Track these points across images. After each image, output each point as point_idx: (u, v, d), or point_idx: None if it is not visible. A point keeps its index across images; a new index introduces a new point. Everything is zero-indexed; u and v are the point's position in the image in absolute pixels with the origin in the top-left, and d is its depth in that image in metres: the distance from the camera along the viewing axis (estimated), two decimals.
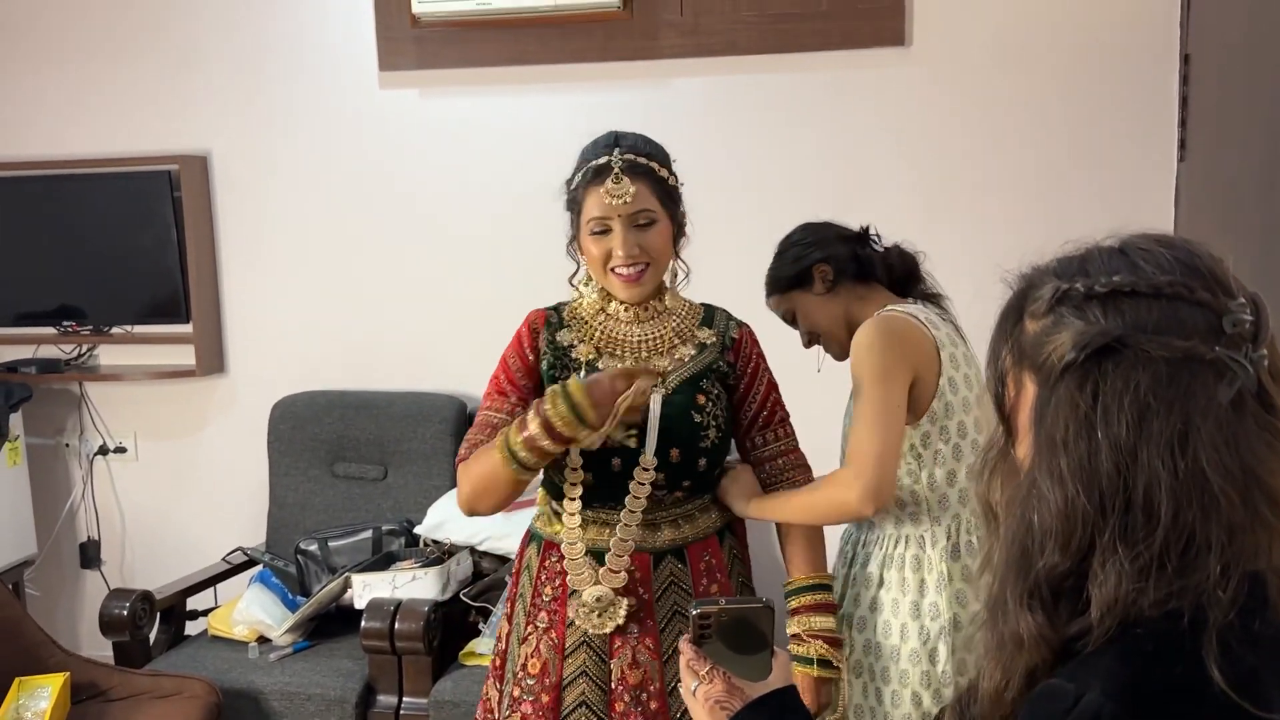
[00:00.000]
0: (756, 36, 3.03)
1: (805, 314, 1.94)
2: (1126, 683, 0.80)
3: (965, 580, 1.78)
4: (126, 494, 3.62)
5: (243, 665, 2.75)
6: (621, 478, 1.71)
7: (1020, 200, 2.97)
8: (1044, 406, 0.86)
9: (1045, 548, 0.84)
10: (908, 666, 1.77)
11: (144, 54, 3.39)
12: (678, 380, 1.75)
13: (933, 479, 1.80)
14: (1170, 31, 2.85)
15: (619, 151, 1.71)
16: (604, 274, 1.73)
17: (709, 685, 1.08)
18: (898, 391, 1.73)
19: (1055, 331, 0.86)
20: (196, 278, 3.36)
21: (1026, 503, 0.86)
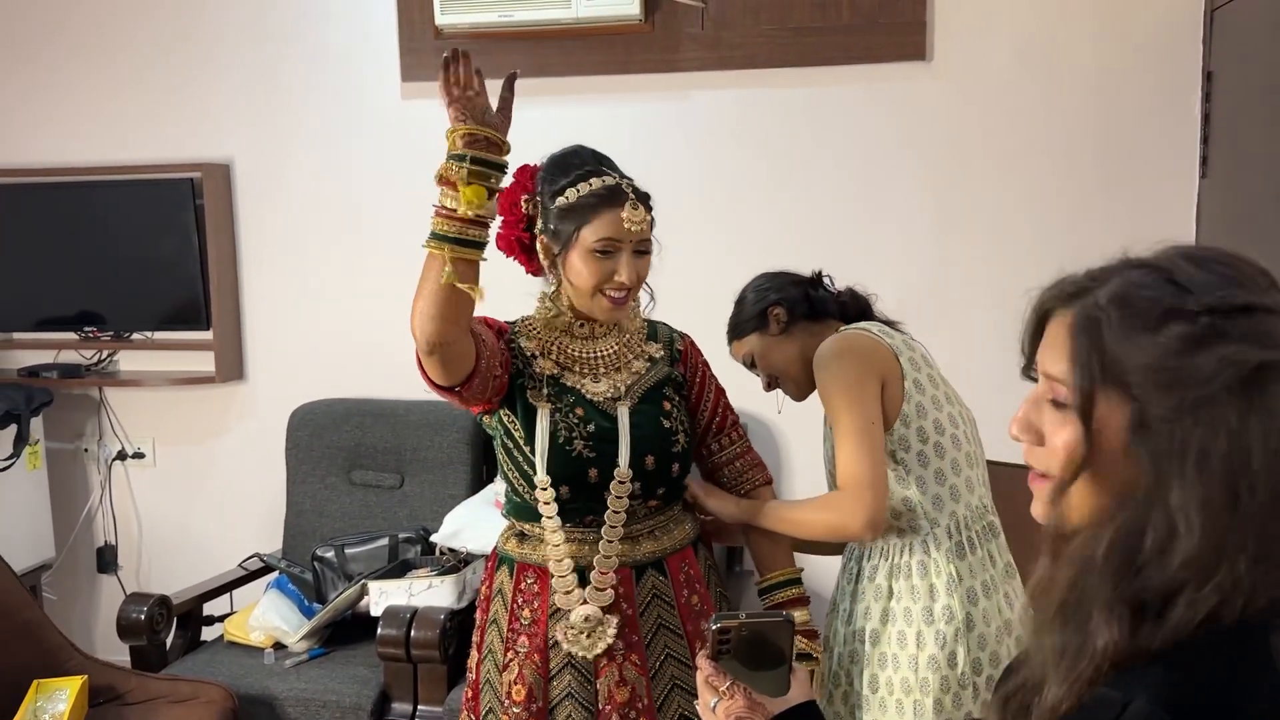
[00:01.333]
0: (777, 50, 3.04)
1: (762, 356, 1.98)
2: (1174, 690, 0.81)
3: (973, 577, 1.80)
4: (144, 499, 3.64)
5: (258, 671, 2.76)
6: (598, 489, 1.70)
7: (1040, 216, 2.97)
8: (1179, 426, 0.84)
9: (1165, 565, 0.84)
10: (928, 674, 1.77)
11: (167, 62, 3.42)
12: (643, 389, 1.76)
13: (922, 481, 1.81)
14: (1193, 48, 2.86)
15: (618, 175, 1.70)
16: (593, 294, 1.69)
17: (730, 701, 1.08)
18: (871, 404, 1.75)
19: (1184, 351, 0.85)
20: (217, 285, 3.39)
21: (1137, 520, 0.85)
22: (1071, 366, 0.89)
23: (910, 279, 3.05)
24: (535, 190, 1.74)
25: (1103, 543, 0.86)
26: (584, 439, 1.69)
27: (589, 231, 1.67)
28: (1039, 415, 0.94)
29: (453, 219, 1.48)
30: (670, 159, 3.14)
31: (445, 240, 1.48)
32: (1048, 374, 0.93)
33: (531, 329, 1.78)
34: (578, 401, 1.72)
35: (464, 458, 3.16)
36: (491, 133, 1.49)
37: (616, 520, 1.71)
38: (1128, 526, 0.86)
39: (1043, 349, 0.95)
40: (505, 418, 1.75)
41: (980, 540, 1.83)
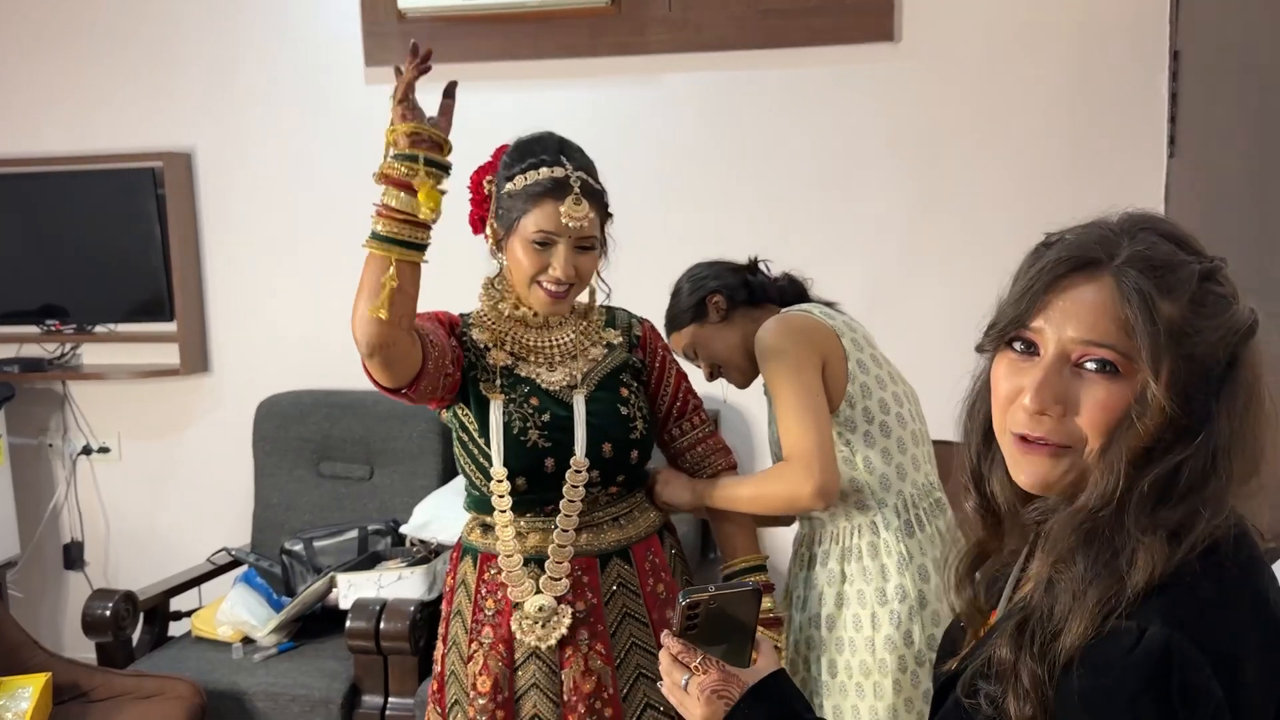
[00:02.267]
0: (746, 32, 3.02)
1: (704, 345, 1.97)
2: (1180, 612, 0.86)
3: (923, 554, 1.81)
4: (110, 494, 3.58)
5: (227, 666, 2.72)
6: (555, 479, 1.68)
7: (1010, 196, 2.96)
8: (1215, 375, 0.92)
9: (1191, 500, 0.91)
10: (885, 655, 1.77)
11: (127, 49, 3.36)
12: (599, 377, 1.74)
13: (869, 461, 1.81)
14: (1160, 27, 2.84)
15: (573, 166, 1.66)
16: (528, 285, 1.67)
17: (704, 675, 1.06)
18: (813, 377, 1.75)
19: (1219, 308, 0.93)
20: (180, 276, 3.33)
21: (1176, 460, 0.92)
22: (1132, 329, 0.91)
23: (881, 260, 3.04)
24: (497, 171, 1.72)
25: (1147, 479, 0.91)
26: (539, 429, 1.67)
27: (528, 221, 1.65)
28: (1063, 384, 0.94)
29: (399, 220, 1.44)
30: (638, 142, 3.11)
31: (391, 243, 1.45)
32: (1077, 338, 0.93)
33: (485, 320, 1.76)
34: (532, 391, 1.70)
35: (434, 448, 3.13)
36: (436, 133, 1.46)
37: (571, 510, 1.69)
38: (1172, 465, 0.91)
39: (1058, 314, 0.94)
40: (460, 411, 1.72)
41: (928, 517, 1.84)
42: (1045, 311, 0.95)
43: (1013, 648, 0.91)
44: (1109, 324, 0.92)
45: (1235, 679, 0.85)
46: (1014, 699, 0.89)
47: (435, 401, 1.69)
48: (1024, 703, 0.88)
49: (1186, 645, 0.84)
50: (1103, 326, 0.92)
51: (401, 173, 1.44)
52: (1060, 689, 0.87)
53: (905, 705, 1.78)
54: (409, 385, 1.58)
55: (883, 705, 1.78)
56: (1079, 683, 0.86)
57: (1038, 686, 0.88)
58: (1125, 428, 0.91)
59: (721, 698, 1.05)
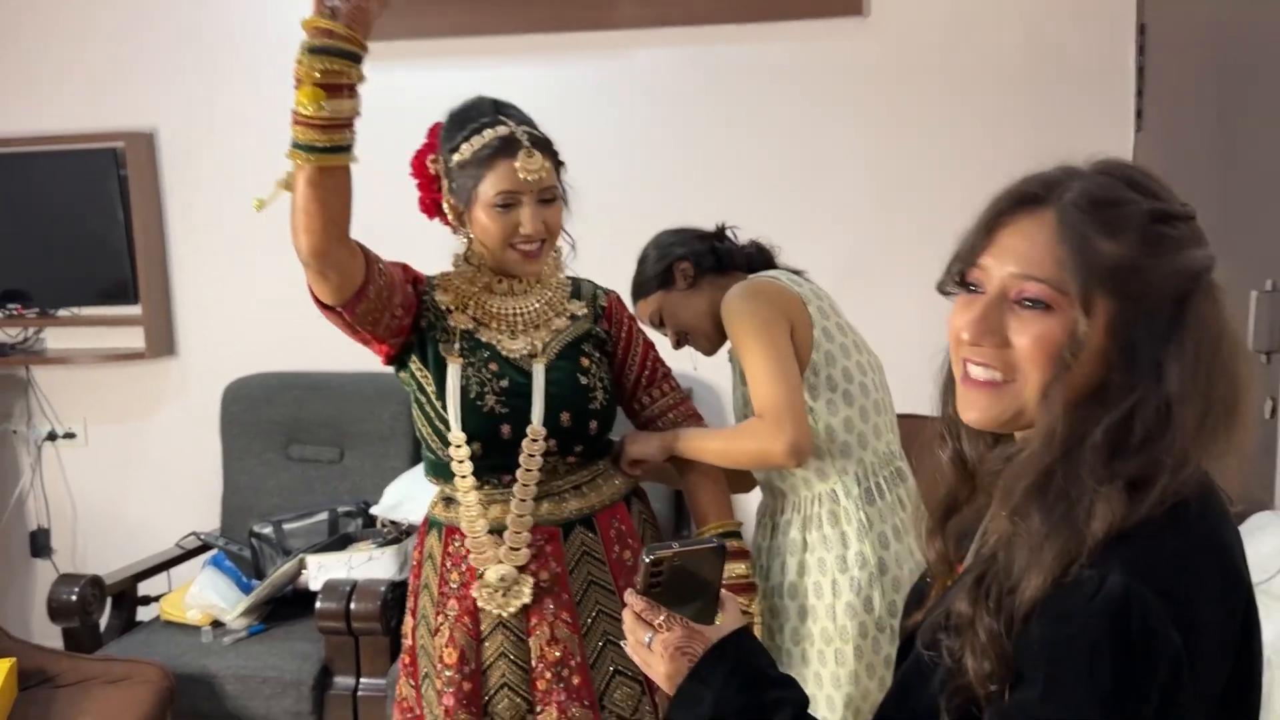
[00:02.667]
0: (714, 6, 3.00)
1: (671, 312, 1.97)
2: (1142, 563, 0.86)
3: (884, 521, 1.82)
4: (77, 481, 3.54)
5: (196, 649, 2.70)
6: (511, 446, 1.66)
7: (978, 170, 2.95)
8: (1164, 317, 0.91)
9: (1149, 450, 0.89)
10: (846, 621, 1.79)
11: (87, 26, 3.30)
12: (560, 347, 1.73)
13: (830, 429, 1.82)
14: (1127, 2, 2.85)
15: (515, 122, 1.65)
16: (503, 249, 1.66)
17: (667, 634, 1.06)
18: (782, 339, 1.76)
19: (1166, 250, 0.91)
20: (145, 258, 3.29)
21: (1128, 408, 0.90)
22: (1063, 264, 0.91)
23: (850, 236, 3.03)
24: (439, 148, 1.70)
25: (1099, 427, 0.90)
26: (496, 394, 1.66)
27: (487, 185, 1.63)
28: (999, 317, 0.95)
29: (304, 124, 1.39)
30: (606, 118, 3.09)
31: (301, 149, 1.40)
32: (1019, 273, 0.93)
33: (450, 283, 1.74)
34: (492, 357, 1.69)
35: (405, 429, 3.10)
36: (335, 25, 1.37)
37: (529, 479, 1.67)
38: (1123, 413, 0.89)
39: (1000, 251, 0.95)
40: (417, 371, 1.71)
41: (889, 486, 1.85)
42: (990, 248, 0.96)
43: (970, 602, 0.91)
44: (1045, 259, 0.92)
45: (1194, 628, 0.85)
46: (971, 655, 0.89)
47: (379, 341, 1.66)
48: (981, 659, 0.88)
49: (1146, 593, 0.84)
50: (1038, 261, 0.92)
51: (311, 69, 1.37)
52: (1020, 639, 0.87)
53: (867, 671, 1.79)
54: (346, 304, 1.55)
55: (844, 671, 1.79)
56: (1039, 630, 0.86)
57: (995, 641, 0.88)
58: (1063, 367, 0.91)
59: (685, 654, 1.04)
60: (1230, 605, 0.90)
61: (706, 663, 1.04)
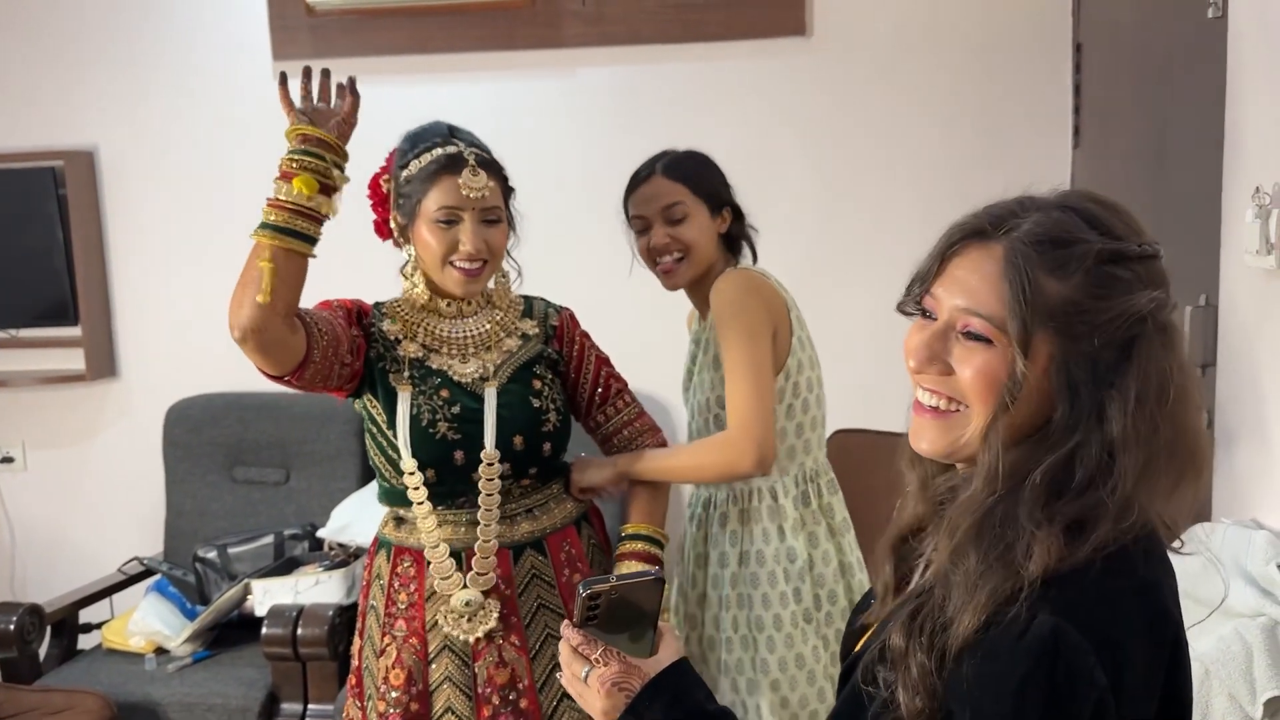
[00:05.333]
0: (660, 26, 3.02)
1: (692, 226, 1.90)
2: (1072, 606, 0.86)
3: (816, 523, 1.90)
4: (15, 505, 3.46)
5: (139, 677, 2.65)
6: (465, 471, 1.66)
7: (921, 187, 3.01)
8: (1105, 360, 0.90)
9: (1092, 494, 0.89)
10: (779, 610, 1.85)
11: (25, 42, 3.24)
12: (511, 370, 1.73)
13: (783, 431, 1.86)
14: (1063, 21, 2.92)
15: (464, 144, 1.67)
16: (441, 267, 1.67)
17: (604, 668, 1.05)
18: (765, 345, 1.80)
19: (1114, 292, 0.90)
20: (85, 278, 3.23)
21: (1070, 446, 0.90)
22: (1005, 300, 0.90)
23: (793, 254, 3.03)
24: (392, 168, 1.72)
25: (1039, 468, 0.90)
26: (448, 421, 1.66)
27: (430, 200, 1.65)
28: (944, 347, 0.95)
29: (280, 208, 1.50)
30: (553, 136, 3.10)
31: (271, 229, 1.49)
32: (963, 307, 0.94)
33: (398, 310, 1.74)
34: (443, 383, 1.69)
35: (352, 449, 3.07)
36: (327, 135, 1.52)
37: (490, 503, 1.67)
38: (1063, 455, 0.90)
39: (950, 282, 0.95)
40: (369, 403, 1.71)
41: (825, 492, 1.93)
42: (941, 278, 0.96)
43: (904, 635, 0.92)
44: (990, 295, 0.92)
45: (1121, 667, 0.86)
46: (903, 690, 0.90)
47: (335, 390, 1.68)
48: (912, 694, 0.89)
49: (1072, 633, 0.84)
50: (983, 296, 0.92)
51: (289, 166, 1.50)
52: (951, 677, 0.88)
53: (795, 659, 1.85)
54: (292, 373, 1.56)
55: (774, 659, 1.85)
56: (968, 669, 0.87)
57: (926, 677, 0.89)
58: (1005, 403, 0.91)
59: (622, 690, 1.04)
60: (1158, 639, 0.90)
61: (643, 699, 1.03)
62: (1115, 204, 0.96)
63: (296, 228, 1.50)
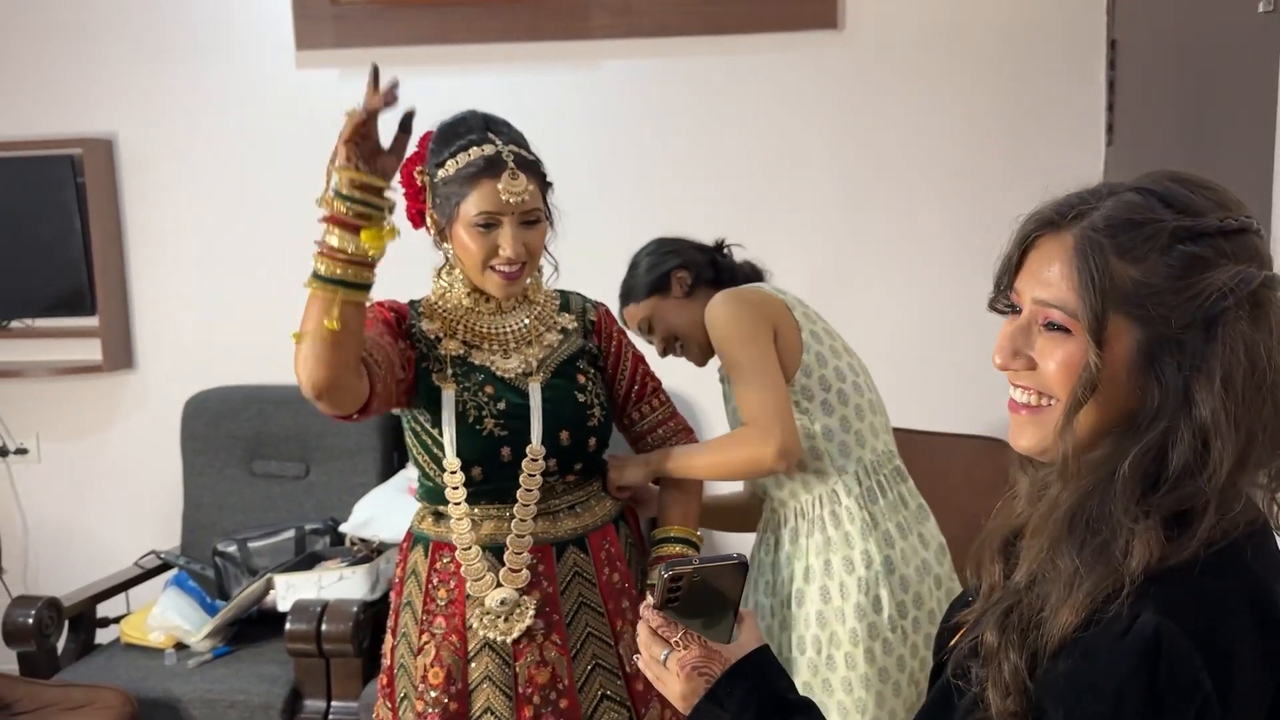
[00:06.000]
0: (688, 18, 2.98)
1: (663, 320, 1.96)
2: (1176, 604, 0.82)
3: (887, 520, 1.81)
4: (29, 498, 3.42)
5: (159, 673, 2.61)
6: (511, 468, 1.63)
7: (950, 185, 2.97)
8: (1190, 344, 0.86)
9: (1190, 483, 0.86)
10: (856, 624, 1.77)
11: (44, 29, 3.20)
12: (555, 364, 1.70)
13: (828, 429, 1.82)
14: (1097, 16, 2.88)
15: (503, 141, 1.61)
16: (481, 270, 1.63)
17: (684, 651, 1.02)
18: (766, 344, 1.77)
19: (1193, 271, 0.87)
20: (102, 268, 3.20)
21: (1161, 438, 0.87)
22: (1076, 289, 0.88)
23: (822, 250, 3.03)
24: (427, 160, 1.67)
25: (1126, 460, 0.86)
26: (494, 417, 1.62)
27: (468, 205, 1.60)
28: (1027, 341, 0.94)
29: (339, 260, 1.38)
30: (577, 129, 3.06)
31: (334, 283, 1.38)
32: (1039, 299, 0.92)
33: (435, 308, 1.70)
34: (487, 379, 1.65)
35: (373, 444, 3.04)
36: (378, 180, 1.39)
37: (529, 499, 1.64)
38: (1152, 444, 0.86)
39: (1028, 275, 0.94)
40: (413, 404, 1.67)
41: (890, 484, 1.85)
42: (1021, 272, 0.96)
43: (998, 633, 0.89)
44: (1063, 284, 0.90)
45: (1228, 673, 0.82)
46: (993, 689, 0.87)
47: (398, 407, 1.65)
48: (1004, 695, 0.86)
49: (1178, 634, 0.81)
50: (1056, 286, 0.91)
51: (342, 212, 1.38)
52: (1045, 675, 0.85)
53: (880, 675, 1.77)
54: (360, 411, 1.51)
55: (855, 675, 1.77)
56: (1064, 667, 0.84)
57: (1017, 677, 0.86)
58: (1086, 394, 0.89)
59: (702, 675, 1.01)
60: (1270, 644, 0.86)
61: (724, 684, 1.01)
62: (1200, 180, 0.92)
63: (360, 279, 1.39)
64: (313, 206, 1.43)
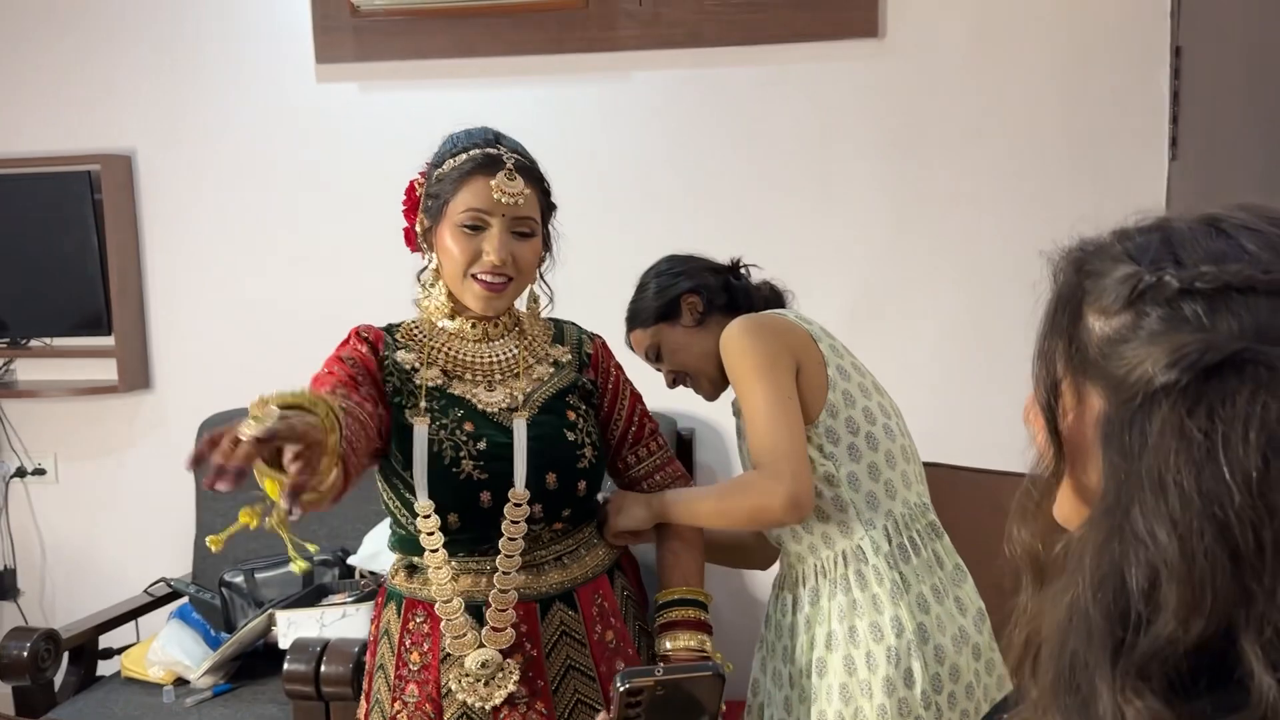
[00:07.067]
0: (721, 28, 2.84)
1: (672, 349, 1.78)
2: None
3: (921, 581, 1.60)
4: (46, 519, 3.36)
5: (156, 711, 2.50)
6: (492, 515, 1.47)
7: (1001, 202, 2.78)
8: (1129, 433, 0.64)
9: (1157, 615, 0.62)
10: (884, 700, 1.55)
11: (62, 45, 3.15)
12: (543, 398, 1.54)
13: (854, 477, 1.61)
14: (1160, 23, 2.67)
15: (506, 148, 1.50)
16: (461, 278, 1.49)
17: None
18: (785, 379, 1.57)
19: (1139, 338, 0.66)
20: (119, 287, 3.12)
21: (1112, 553, 0.64)
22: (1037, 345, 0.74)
23: (864, 269, 2.85)
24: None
25: (1087, 582, 0.65)
26: (473, 458, 1.47)
27: (457, 201, 1.47)
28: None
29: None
30: (606, 143, 2.92)
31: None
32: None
33: (415, 334, 1.56)
34: (467, 415, 1.50)
35: None
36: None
37: (513, 549, 1.48)
38: (1101, 565, 0.65)
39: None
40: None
41: (923, 541, 1.64)
42: None
43: None
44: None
45: None
46: None
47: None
48: None
49: None
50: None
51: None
52: None
53: None
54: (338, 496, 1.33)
55: None
56: None
57: None
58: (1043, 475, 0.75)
59: None
60: None
61: None
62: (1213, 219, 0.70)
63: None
64: (332, 223, 1.31)
